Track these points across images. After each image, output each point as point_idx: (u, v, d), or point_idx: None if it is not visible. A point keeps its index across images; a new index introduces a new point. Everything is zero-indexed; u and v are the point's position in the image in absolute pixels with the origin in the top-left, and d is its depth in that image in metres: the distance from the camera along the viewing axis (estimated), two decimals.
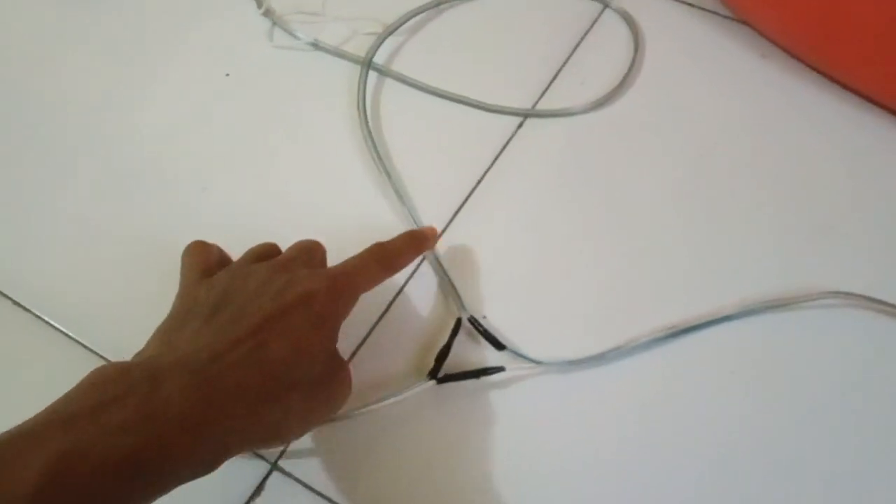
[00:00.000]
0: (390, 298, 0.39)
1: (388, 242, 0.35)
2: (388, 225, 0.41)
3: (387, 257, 0.34)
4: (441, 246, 0.40)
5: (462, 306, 0.37)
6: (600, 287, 0.39)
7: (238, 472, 0.34)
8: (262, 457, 0.35)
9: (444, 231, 0.41)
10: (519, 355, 0.36)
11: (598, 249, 0.40)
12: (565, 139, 0.44)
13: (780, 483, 0.33)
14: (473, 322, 0.37)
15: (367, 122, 0.44)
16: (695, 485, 0.34)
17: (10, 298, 0.39)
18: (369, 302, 0.38)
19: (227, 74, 0.47)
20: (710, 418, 0.35)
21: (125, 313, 0.38)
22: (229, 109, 0.46)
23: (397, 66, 0.47)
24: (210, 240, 0.37)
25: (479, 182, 0.42)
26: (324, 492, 0.34)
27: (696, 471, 0.34)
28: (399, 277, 0.39)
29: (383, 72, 0.47)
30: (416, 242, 0.37)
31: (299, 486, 0.34)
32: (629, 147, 0.43)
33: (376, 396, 0.35)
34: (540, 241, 0.40)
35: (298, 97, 0.46)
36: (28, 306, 0.39)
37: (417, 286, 0.39)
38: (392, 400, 0.35)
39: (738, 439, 0.34)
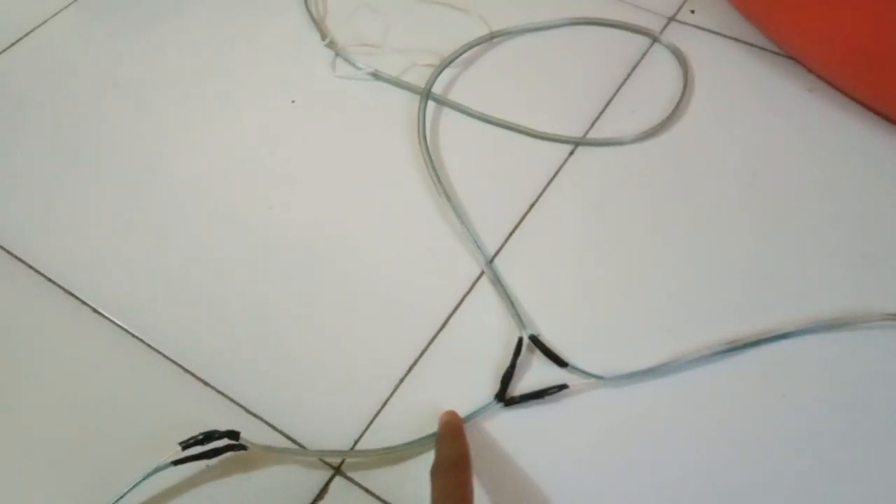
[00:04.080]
0: (445, 316, 0.40)
1: (442, 459, 0.34)
2: (449, 245, 0.43)
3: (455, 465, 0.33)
4: (497, 266, 0.42)
5: (522, 324, 0.39)
6: (657, 304, 0.40)
7: (302, 476, 0.36)
8: (326, 462, 0.36)
9: (498, 251, 0.42)
10: (581, 371, 0.37)
11: (651, 270, 0.41)
12: (616, 167, 0.45)
13: (839, 499, 0.34)
14: (535, 340, 0.38)
15: (426, 149, 0.46)
16: (753, 499, 0.34)
17: (89, 306, 0.41)
18: (422, 320, 0.40)
19: (293, 101, 0.50)
20: (766, 433, 0.36)
21: (192, 319, 0.41)
22: (295, 134, 0.48)
23: (454, 96, 0.49)
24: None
25: (532, 205, 0.44)
26: (386, 497, 0.35)
27: (757, 485, 0.34)
28: (453, 296, 0.41)
29: (441, 101, 0.49)
30: (452, 430, 0.36)
31: (361, 492, 0.35)
32: (680, 175, 0.45)
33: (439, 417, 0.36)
34: (593, 261, 0.42)
35: (360, 124, 0.49)
36: (110, 316, 0.41)
37: (474, 305, 0.41)
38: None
39: (796, 456, 0.35)
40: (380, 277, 0.42)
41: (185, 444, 0.35)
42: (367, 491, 0.35)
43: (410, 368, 0.39)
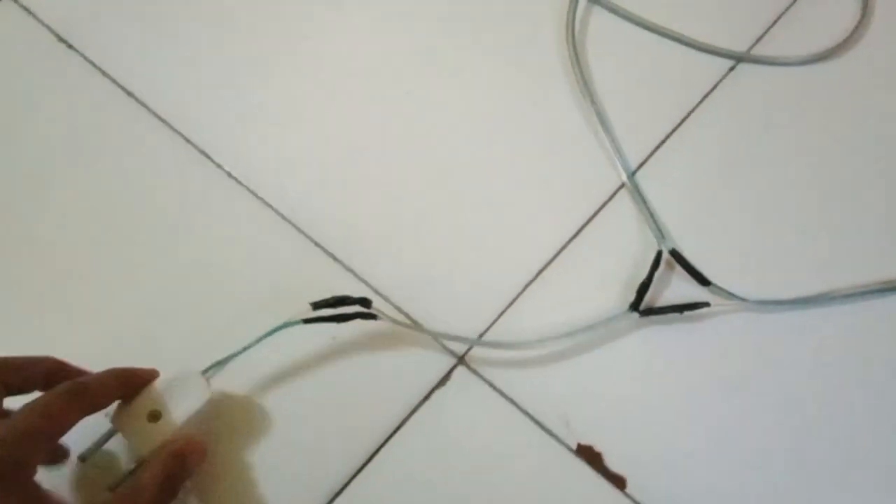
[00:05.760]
0: (580, 223, 0.39)
1: (89, 381, 0.30)
2: (589, 152, 0.41)
3: (87, 398, 0.29)
4: (639, 179, 0.40)
5: (662, 237, 0.37)
6: (810, 232, 0.38)
7: (425, 360, 0.36)
8: (450, 351, 0.36)
9: (644, 162, 0.40)
10: (725, 292, 0.36)
11: (805, 199, 0.39)
12: (778, 89, 0.42)
13: None
14: (675, 255, 0.37)
15: (574, 48, 0.43)
16: (882, 448, 0.33)
17: (224, 170, 0.41)
18: (556, 225, 0.39)
19: None
20: None
21: (327, 196, 0.40)
22: (431, 13, 0.46)
23: None
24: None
25: (684, 119, 0.41)
26: (507, 393, 0.35)
27: (887, 432, 0.33)
28: (590, 204, 0.39)
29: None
30: (124, 381, 0.32)
31: (483, 384, 0.35)
32: (847, 107, 0.41)
33: (569, 324, 0.35)
34: (745, 184, 0.39)
35: (505, 12, 0.46)
36: (244, 181, 0.41)
37: (610, 215, 0.39)
38: (591, 332, 0.35)
39: None
40: (516, 177, 0.40)
41: (317, 305, 0.35)
42: (489, 384, 0.35)
43: (540, 272, 0.38)
